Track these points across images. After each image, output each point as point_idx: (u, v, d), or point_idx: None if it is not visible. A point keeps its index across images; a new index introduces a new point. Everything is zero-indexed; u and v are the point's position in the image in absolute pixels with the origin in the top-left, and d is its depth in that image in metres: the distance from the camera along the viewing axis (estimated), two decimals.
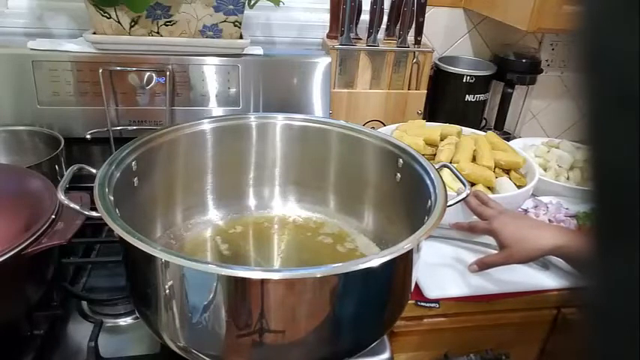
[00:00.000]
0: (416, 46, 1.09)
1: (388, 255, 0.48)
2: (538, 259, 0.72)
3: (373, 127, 0.94)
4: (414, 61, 1.10)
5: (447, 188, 0.62)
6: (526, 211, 0.94)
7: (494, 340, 0.84)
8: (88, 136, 0.91)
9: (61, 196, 0.55)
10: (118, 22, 0.88)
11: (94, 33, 0.89)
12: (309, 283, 0.48)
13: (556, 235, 0.68)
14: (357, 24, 1.09)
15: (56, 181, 0.67)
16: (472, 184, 0.86)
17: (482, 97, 1.18)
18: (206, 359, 0.52)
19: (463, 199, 0.64)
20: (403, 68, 1.11)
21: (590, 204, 0.19)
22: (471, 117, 1.19)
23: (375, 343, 0.58)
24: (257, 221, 0.81)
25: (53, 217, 0.60)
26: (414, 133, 0.95)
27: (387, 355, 0.65)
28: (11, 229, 0.60)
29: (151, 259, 0.48)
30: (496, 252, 0.73)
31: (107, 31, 0.89)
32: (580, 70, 0.19)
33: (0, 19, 1.01)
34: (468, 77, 1.15)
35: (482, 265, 0.72)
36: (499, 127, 1.26)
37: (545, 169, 1.07)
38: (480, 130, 1.07)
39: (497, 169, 0.91)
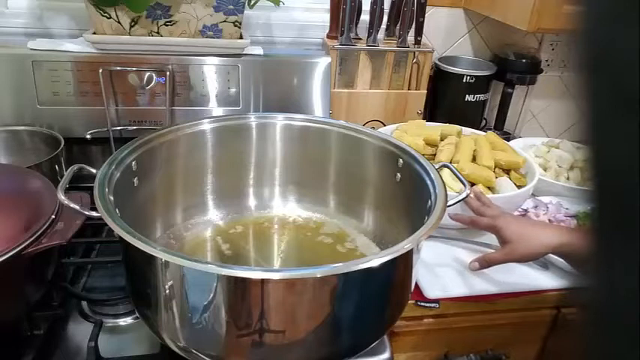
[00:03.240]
0: (416, 46, 1.09)
1: (388, 255, 0.48)
2: (540, 257, 0.72)
3: (373, 127, 0.94)
4: (414, 61, 1.10)
5: (447, 188, 0.62)
6: (526, 211, 0.94)
7: (494, 340, 0.84)
8: (88, 136, 0.91)
9: (61, 196, 0.55)
10: (118, 22, 0.88)
11: (94, 33, 0.89)
12: (309, 283, 0.48)
13: (559, 233, 0.68)
14: (357, 24, 1.09)
15: (56, 181, 0.66)
16: (472, 184, 0.86)
17: (482, 97, 1.18)
18: (206, 359, 0.52)
19: (463, 199, 0.65)
20: (403, 68, 1.11)
21: (590, 204, 0.20)
22: (471, 117, 1.19)
23: (375, 343, 0.58)
24: (257, 221, 0.81)
25: (53, 217, 0.60)
26: (414, 133, 0.95)
27: (387, 355, 0.65)
28: (11, 229, 0.60)
29: (151, 259, 0.48)
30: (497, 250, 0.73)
31: (107, 31, 0.89)
32: (580, 70, 0.19)
33: (0, 19, 1.01)
34: (468, 77, 1.15)
35: (484, 263, 0.72)
36: (499, 127, 1.26)
37: (545, 169, 1.07)
38: (480, 130, 1.07)
39: (497, 169, 0.91)
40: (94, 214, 0.53)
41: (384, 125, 1.09)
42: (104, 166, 0.60)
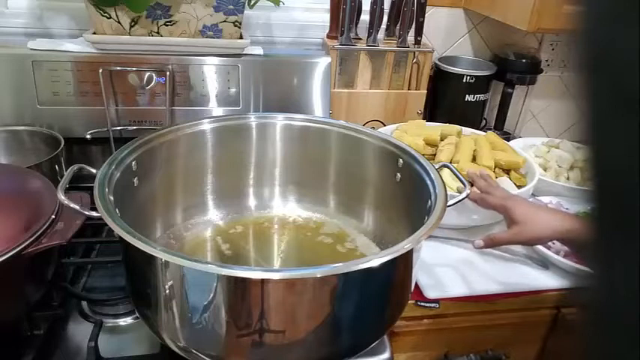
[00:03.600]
0: (416, 46, 1.09)
1: (388, 255, 0.48)
2: (546, 241, 0.71)
3: (373, 127, 0.94)
4: (414, 61, 1.10)
5: (447, 188, 0.62)
6: None
7: (494, 340, 0.84)
8: (88, 136, 0.91)
9: (61, 196, 0.55)
10: (118, 22, 0.88)
11: (94, 33, 0.89)
12: (309, 283, 0.48)
13: (567, 219, 0.68)
14: (357, 24, 1.09)
15: (56, 181, 0.66)
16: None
17: (482, 97, 1.18)
18: (206, 359, 0.52)
19: (463, 199, 0.65)
20: (403, 68, 1.11)
21: (590, 204, 0.20)
22: (471, 117, 1.19)
23: (375, 343, 0.58)
24: (257, 221, 0.81)
25: (53, 217, 0.60)
26: (414, 133, 0.96)
27: (387, 355, 0.65)
28: (11, 229, 0.60)
29: (150, 259, 0.48)
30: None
31: (107, 31, 0.89)
32: (580, 70, 0.19)
33: (0, 19, 1.01)
34: (468, 77, 1.15)
35: (489, 242, 0.71)
36: (499, 127, 1.26)
37: (545, 169, 1.07)
38: (480, 130, 1.07)
39: (497, 169, 0.91)
40: (94, 214, 0.53)
41: (384, 125, 1.09)
42: (104, 166, 0.60)
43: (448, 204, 0.58)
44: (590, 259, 0.20)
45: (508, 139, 1.13)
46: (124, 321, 0.67)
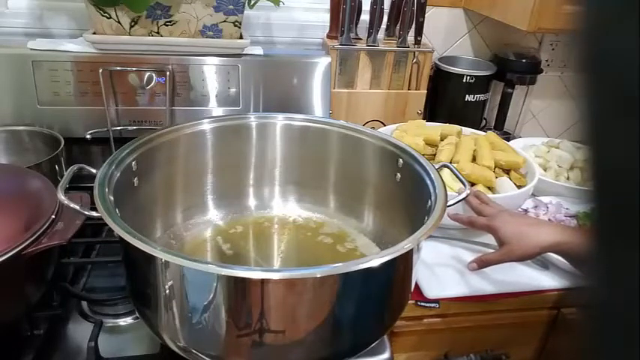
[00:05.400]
0: (416, 46, 1.09)
1: (388, 255, 0.48)
2: (537, 256, 0.72)
3: (373, 127, 0.94)
4: (414, 61, 1.10)
5: (447, 188, 0.62)
6: (526, 211, 0.94)
7: (494, 340, 0.84)
8: (88, 136, 0.91)
9: (61, 196, 0.55)
10: (118, 22, 0.88)
11: (94, 33, 0.89)
12: (309, 283, 0.48)
13: (556, 232, 0.68)
14: (357, 24, 1.09)
15: (56, 181, 0.66)
16: (472, 184, 0.86)
17: (482, 97, 1.18)
18: (206, 359, 0.52)
19: (463, 199, 0.65)
20: (403, 68, 1.11)
21: (590, 204, 0.19)
22: (471, 117, 1.19)
23: (375, 343, 0.58)
24: (257, 221, 0.81)
25: (53, 217, 0.60)
26: (414, 133, 0.95)
27: (387, 355, 0.65)
28: (11, 229, 0.60)
29: (151, 259, 0.48)
30: (495, 250, 0.73)
31: (107, 31, 0.89)
32: (580, 70, 0.19)
33: (0, 19, 1.01)
34: (468, 77, 1.15)
35: (482, 263, 0.72)
36: (499, 127, 1.26)
37: (545, 169, 1.07)
38: (480, 130, 1.07)
39: (497, 169, 0.91)
40: (94, 214, 0.53)
41: (384, 125, 1.09)
42: (104, 166, 0.60)
43: (448, 204, 0.58)
44: (589, 260, 0.20)
45: (508, 139, 1.13)
46: (124, 321, 0.67)
